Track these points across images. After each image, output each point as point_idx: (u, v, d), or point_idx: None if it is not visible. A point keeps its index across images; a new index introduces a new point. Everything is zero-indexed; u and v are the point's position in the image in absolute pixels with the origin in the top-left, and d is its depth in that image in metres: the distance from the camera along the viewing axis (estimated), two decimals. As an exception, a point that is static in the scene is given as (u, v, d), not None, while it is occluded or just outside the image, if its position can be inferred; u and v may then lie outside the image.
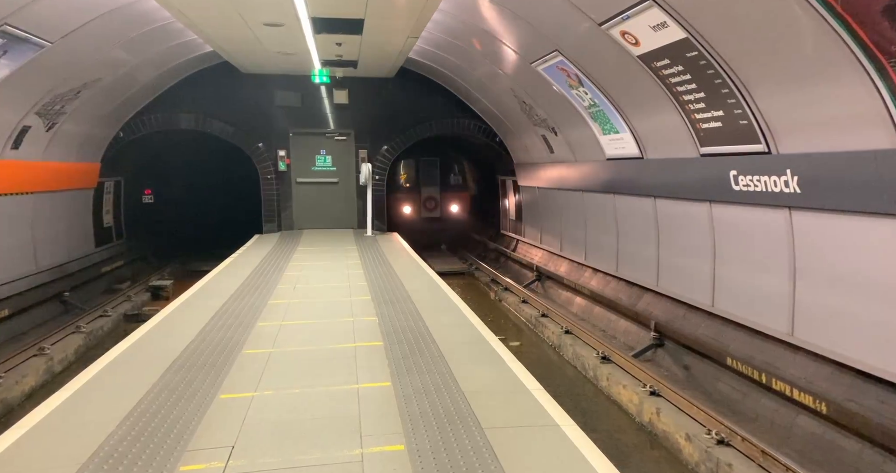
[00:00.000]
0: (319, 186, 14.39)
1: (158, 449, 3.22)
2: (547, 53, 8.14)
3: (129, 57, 9.62)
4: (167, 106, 13.00)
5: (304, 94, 13.83)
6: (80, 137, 10.46)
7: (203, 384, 4.16)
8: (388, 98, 14.09)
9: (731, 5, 4.68)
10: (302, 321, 5.90)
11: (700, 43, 5.26)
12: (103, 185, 12.38)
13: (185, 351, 4.91)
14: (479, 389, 4.04)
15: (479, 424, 3.50)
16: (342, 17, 8.41)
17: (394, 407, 3.76)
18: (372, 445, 3.27)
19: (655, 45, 5.87)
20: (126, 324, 9.97)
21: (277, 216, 14.12)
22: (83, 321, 9.15)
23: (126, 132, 12.57)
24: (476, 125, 14.11)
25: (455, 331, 5.47)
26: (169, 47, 10.40)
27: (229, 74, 13.09)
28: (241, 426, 3.52)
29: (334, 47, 10.33)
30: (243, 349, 4.96)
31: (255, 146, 13.81)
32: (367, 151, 14.31)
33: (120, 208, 13.57)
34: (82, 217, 11.48)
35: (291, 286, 7.56)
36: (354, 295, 7.03)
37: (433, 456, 3.13)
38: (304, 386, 4.13)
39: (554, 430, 3.41)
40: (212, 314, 6.12)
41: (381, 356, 4.76)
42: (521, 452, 3.17)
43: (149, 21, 8.76)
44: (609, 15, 6.05)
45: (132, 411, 3.72)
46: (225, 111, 13.49)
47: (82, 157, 10.88)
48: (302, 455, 3.16)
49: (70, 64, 8.30)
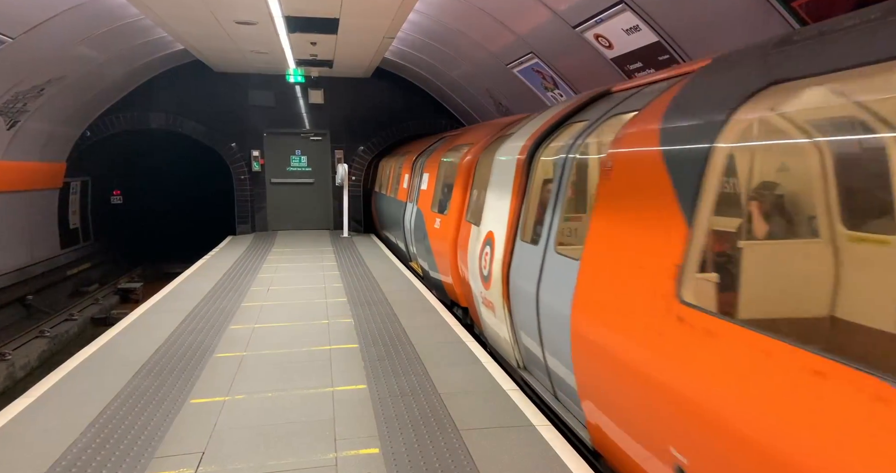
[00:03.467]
0: (294, 186, 14.22)
1: (125, 457, 3.13)
2: (522, 55, 8.20)
3: (96, 54, 9.36)
4: (136, 105, 12.70)
5: (279, 93, 13.66)
6: (45, 135, 10.14)
7: (173, 389, 4.06)
8: (365, 98, 14.01)
9: (702, 10, 4.78)
10: (276, 323, 5.80)
11: (671, 46, 5.35)
12: (69, 185, 12.03)
13: (154, 355, 4.79)
14: (456, 390, 4.03)
15: (454, 426, 3.49)
16: (317, 16, 8.32)
17: (369, 410, 3.72)
18: (347, 449, 3.22)
19: (628, 48, 5.96)
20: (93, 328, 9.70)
21: (251, 217, 13.91)
22: (47, 326, 8.87)
23: (93, 131, 12.23)
24: (453, 126, 14.13)
25: (432, 332, 5.45)
26: (137, 45, 10.15)
27: (201, 72, 12.85)
28: (211, 431, 3.44)
29: (309, 46, 10.22)
30: (215, 353, 4.86)
31: (228, 146, 13.58)
32: (344, 152, 14.21)
33: (87, 208, 13.19)
34: (46, 218, 11.12)
35: (265, 289, 7.44)
36: (330, 297, 6.95)
37: (408, 459, 3.11)
38: (277, 390, 4.06)
39: (529, 431, 3.42)
40: (182, 317, 5.99)
41: (357, 359, 4.71)
42: (496, 453, 3.16)
43: (116, 17, 8.54)
44: (583, 18, 6.12)
45: (97, 417, 3.61)
46: (197, 110, 13.24)
47: (46, 156, 10.54)
48: (275, 460, 3.10)
49: (32, 61, 8.04)
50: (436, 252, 7.06)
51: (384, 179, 12.48)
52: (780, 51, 2.29)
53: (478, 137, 6.93)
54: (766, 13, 4.13)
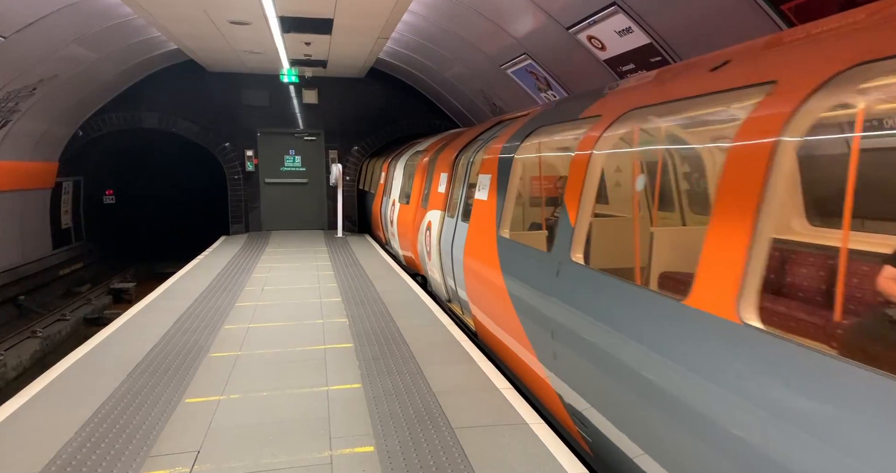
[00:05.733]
0: (288, 186, 14.20)
1: (119, 456, 3.13)
2: (516, 56, 8.24)
3: (88, 53, 9.32)
4: (129, 104, 12.65)
5: (273, 93, 13.64)
6: (36, 135, 10.09)
7: (167, 389, 4.07)
8: (359, 98, 14.01)
9: (693, 12, 4.83)
10: (270, 323, 5.81)
11: (663, 48, 5.40)
12: (61, 185, 11.96)
13: (148, 355, 4.79)
14: (450, 389, 4.05)
15: (449, 424, 3.52)
16: (311, 16, 8.33)
17: (364, 409, 3.74)
18: (342, 447, 3.24)
19: (621, 50, 6.01)
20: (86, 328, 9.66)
21: (245, 217, 13.88)
22: (39, 326, 8.83)
23: (86, 131, 12.17)
24: (447, 126, 14.15)
25: (426, 332, 5.47)
26: (131, 44, 10.11)
27: (195, 72, 12.81)
28: (206, 430, 3.45)
29: (303, 47, 10.22)
30: (209, 353, 4.86)
31: (222, 146, 13.55)
32: (338, 152, 14.20)
33: (79, 208, 13.12)
34: (38, 218, 11.06)
35: (259, 288, 7.44)
36: (324, 297, 6.96)
37: (403, 457, 3.13)
38: (272, 389, 4.07)
39: (523, 429, 3.45)
40: (176, 317, 5.98)
41: (352, 358, 4.73)
42: (490, 451, 3.19)
43: (109, 17, 8.51)
44: (576, 19, 6.16)
45: (91, 417, 3.61)
46: (190, 110, 13.20)
47: (38, 156, 10.48)
48: (269, 459, 3.12)
49: (24, 60, 8.00)
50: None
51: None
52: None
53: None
54: (755, 16, 4.19)
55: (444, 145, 7.76)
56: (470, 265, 5.39)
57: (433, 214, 7.05)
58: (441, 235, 6.55)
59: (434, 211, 7.03)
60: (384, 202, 10.86)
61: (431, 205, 7.24)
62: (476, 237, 5.30)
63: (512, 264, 4.34)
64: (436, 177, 7.31)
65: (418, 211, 7.98)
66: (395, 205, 9.59)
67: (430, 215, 7.16)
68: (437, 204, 6.98)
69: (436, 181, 7.28)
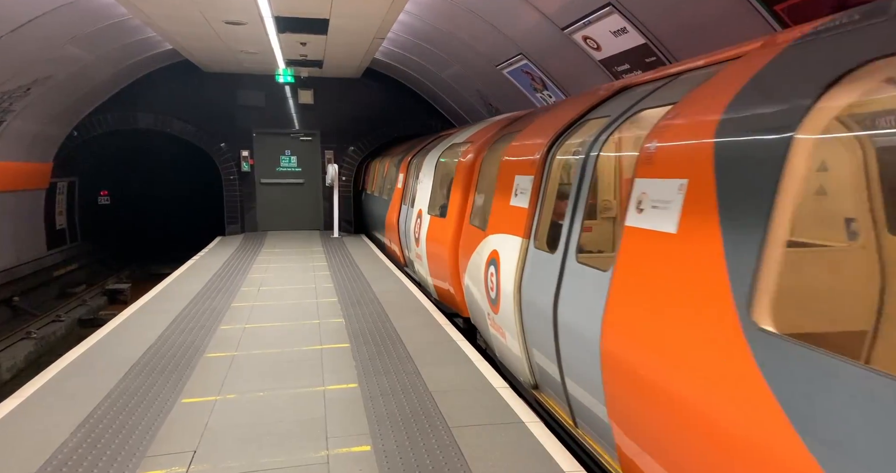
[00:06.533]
0: (284, 187, 14.19)
1: (116, 456, 3.13)
2: (512, 57, 8.26)
3: (83, 53, 9.30)
4: (124, 105, 12.61)
5: (268, 93, 13.63)
6: (31, 135, 10.05)
7: (163, 389, 4.06)
8: (355, 99, 14.01)
9: (687, 13, 4.86)
10: (266, 323, 5.81)
11: (658, 48, 5.43)
12: (56, 185, 11.92)
13: (144, 356, 4.78)
14: (447, 388, 4.06)
15: (445, 423, 3.52)
16: (307, 16, 8.33)
17: (360, 409, 3.74)
18: (338, 446, 3.25)
19: (616, 50, 6.03)
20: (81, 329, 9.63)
21: (241, 218, 13.86)
22: (34, 327, 8.80)
23: (80, 131, 12.13)
24: (443, 127, 14.17)
25: (423, 332, 5.48)
26: (126, 44, 10.09)
27: (190, 72, 12.78)
28: (203, 430, 3.45)
29: (299, 47, 10.22)
30: (205, 353, 4.86)
31: (218, 146, 13.53)
32: (334, 152, 14.19)
33: (74, 209, 13.08)
34: (33, 219, 11.02)
35: (255, 289, 7.43)
36: (321, 297, 6.96)
37: (400, 456, 3.14)
38: (268, 389, 4.07)
39: (519, 427, 3.46)
40: (172, 318, 5.97)
41: (348, 358, 4.73)
42: (487, 450, 3.20)
43: (104, 17, 8.49)
44: (571, 20, 6.19)
45: (87, 418, 3.60)
46: (186, 110, 13.17)
47: (33, 156, 10.44)
48: (266, 458, 3.12)
49: (19, 60, 7.98)
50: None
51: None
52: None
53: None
54: (749, 16, 4.21)
55: (512, 134, 5.14)
56: (633, 365, 2.57)
57: (502, 240, 4.46)
58: (523, 278, 3.98)
59: (504, 237, 4.43)
60: (404, 212, 8.46)
61: (498, 226, 4.61)
62: (664, 315, 2.42)
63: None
64: (505, 183, 4.66)
65: (468, 231, 5.53)
66: (423, 218, 7.12)
67: (497, 241, 4.58)
68: (510, 225, 4.36)
69: (505, 189, 4.61)
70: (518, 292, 4.00)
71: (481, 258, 4.84)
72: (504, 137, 5.37)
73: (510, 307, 4.14)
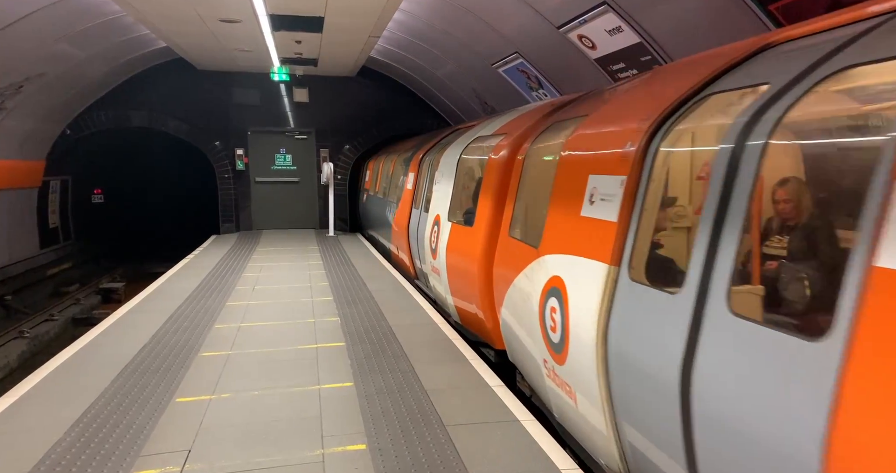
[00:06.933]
0: (279, 185, 14.15)
1: (110, 455, 3.11)
2: (508, 55, 8.26)
3: (76, 51, 9.24)
4: (118, 103, 12.54)
5: (263, 91, 13.58)
6: (23, 133, 9.98)
7: (158, 388, 4.04)
8: (350, 97, 13.98)
9: (682, 12, 4.87)
10: (261, 322, 5.79)
11: (653, 47, 5.44)
12: (48, 184, 11.84)
13: (138, 355, 4.76)
14: (442, 387, 4.07)
15: (440, 421, 3.53)
16: (301, 14, 8.30)
17: (356, 407, 3.74)
18: (333, 445, 3.25)
19: (611, 49, 6.04)
20: (74, 328, 9.57)
21: (235, 216, 13.81)
22: (27, 326, 8.74)
23: (74, 130, 12.05)
24: (439, 125, 14.16)
25: (418, 331, 5.48)
26: (119, 42, 10.03)
27: (184, 70, 12.72)
28: (197, 429, 3.44)
29: (294, 45, 10.19)
30: (200, 352, 4.84)
31: (212, 145, 13.47)
32: (329, 151, 14.16)
33: (67, 207, 13.00)
34: (25, 217, 10.94)
35: (250, 288, 7.41)
36: (316, 296, 6.95)
37: (395, 454, 3.14)
38: (263, 388, 4.06)
39: (514, 425, 3.47)
40: (167, 317, 5.95)
41: (344, 357, 4.73)
42: (482, 447, 3.21)
43: (97, 14, 8.43)
44: (567, 19, 6.19)
45: (81, 417, 3.58)
46: (180, 109, 13.11)
47: (25, 154, 10.37)
48: (261, 457, 3.11)
49: (10, 57, 7.92)
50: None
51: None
52: None
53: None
54: (744, 15, 4.23)
55: (571, 121, 3.91)
56: None
57: (570, 265, 3.16)
58: (611, 322, 2.76)
59: (573, 260, 3.14)
60: (416, 217, 7.38)
61: (561, 243, 3.33)
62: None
63: None
64: (570, 185, 3.37)
65: (508, 246, 4.35)
66: (442, 225, 5.99)
67: (560, 265, 3.27)
68: (584, 245, 3.07)
69: (571, 194, 3.30)
70: (602, 341, 2.74)
71: (533, 285, 3.58)
72: (554, 126, 4.23)
73: (587, 361, 2.85)
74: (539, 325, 3.48)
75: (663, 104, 2.79)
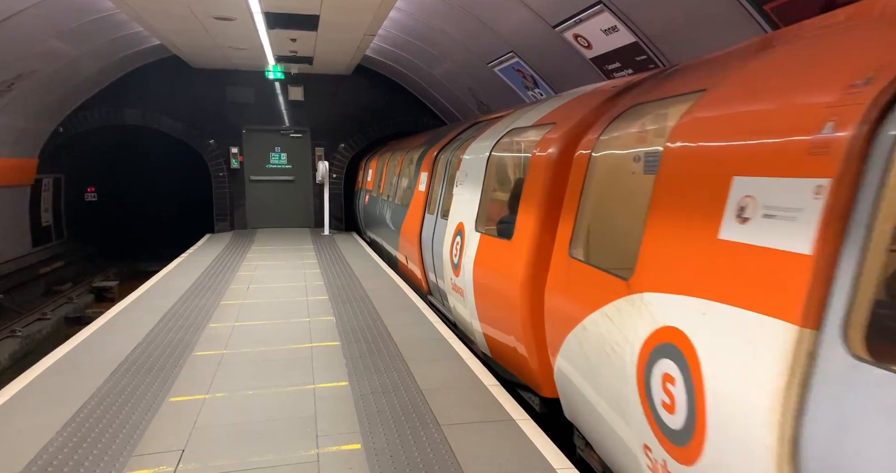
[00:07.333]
0: (274, 184, 14.10)
1: (102, 456, 3.09)
2: (503, 54, 8.26)
3: (69, 48, 9.17)
4: (111, 100, 12.46)
5: (258, 90, 13.52)
6: (15, 131, 9.90)
7: (151, 388, 4.02)
8: (346, 95, 13.94)
9: (678, 11, 4.87)
10: (256, 321, 5.77)
11: (649, 47, 5.45)
12: (41, 182, 11.75)
13: (131, 354, 4.73)
14: (437, 386, 4.06)
15: (436, 421, 3.52)
16: (296, 12, 8.27)
17: (351, 407, 3.73)
18: (328, 445, 3.23)
19: (607, 49, 6.05)
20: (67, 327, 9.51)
21: (230, 215, 13.75)
22: (19, 325, 8.68)
23: (66, 127, 11.97)
24: (435, 124, 14.15)
25: (414, 330, 5.47)
26: (112, 39, 9.96)
27: (179, 68, 12.65)
28: (191, 429, 3.42)
29: (289, 43, 10.15)
30: (194, 351, 4.82)
31: (207, 143, 13.41)
32: (325, 149, 14.13)
33: (60, 206, 12.91)
34: (17, 216, 10.86)
35: (245, 287, 7.38)
36: (311, 295, 6.93)
37: (390, 454, 3.13)
38: (258, 388, 4.05)
39: (509, 425, 3.47)
40: (160, 316, 5.92)
41: (339, 356, 4.71)
42: (477, 447, 3.20)
43: (90, 11, 8.37)
44: (562, 18, 6.19)
45: (73, 417, 3.56)
46: (174, 106, 13.04)
47: (17, 152, 10.29)
48: (256, 457, 3.10)
49: (2, 54, 7.85)
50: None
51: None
52: None
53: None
54: (739, 15, 4.24)
55: (671, 100, 2.85)
56: None
57: (701, 315, 2.04)
58: (805, 423, 1.60)
59: (707, 306, 2.01)
60: (430, 224, 6.50)
61: (679, 280, 2.20)
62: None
63: None
64: (694, 193, 2.23)
65: (572, 271, 3.25)
66: (467, 236, 5.03)
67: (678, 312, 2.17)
68: (731, 288, 1.92)
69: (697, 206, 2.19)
70: (790, 457, 1.64)
71: (624, 333, 2.52)
72: (635, 111, 3.12)
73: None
74: (639, 397, 2.38)
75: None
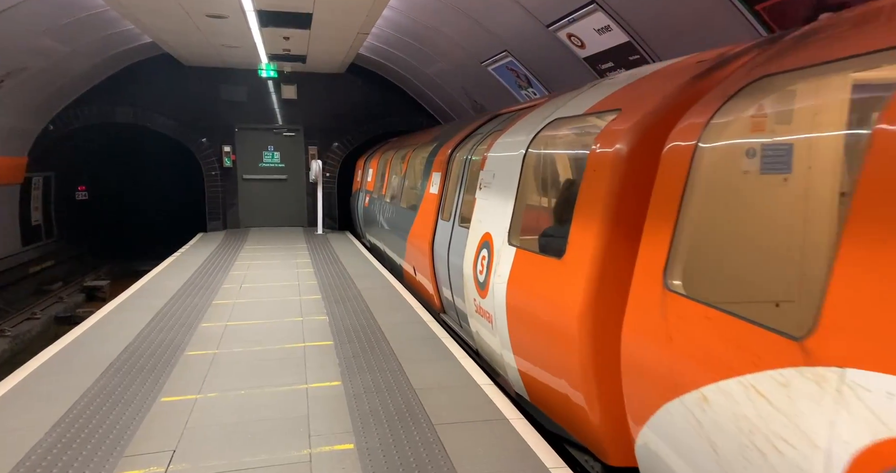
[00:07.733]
0: (267, 183, 14.04)
1: (92, 456, 3.07)
2: (497, 54, 8.26)
3: (59, 45, 9.08)
4: (102, 98, 12.36)
5: (251, 88, 13.46)
6: (5, 129, 9.80)
7: (142, 388, 3.99)
8: (339, 94, 13.90)
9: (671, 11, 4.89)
10: (248, 321, 5.74)
11: (642, 46, 5.46)
12: (31, 180, 11.64)
13: (122, 354, 4.69)
14: (431, 386, 4.06)
15: (429, 420, 3.52)
16: (289, 10, 8.23)
17: (343, 406, 3.72)
18: (321, 445, 3.22)
19: (600, 48, 6.06)
20: (57, 327, 9.43)
21: (223, 214, 13.68)
22: (8, 324, 8.60)
23: (57, 125, 11.86)
24: (430, 123, 14.13)
25: (407, 329, 5.46)
26: (103, 36, 9.87)
27: (171, 66, 12.57)
28: (183, 429, 3.39)
29: (282, 41, 10.10)
30: (186, 351, 4.79)
31: (199, 141, 13.33)
32: (318, 148, 14.08)
33: (50, 205, 12.79)
34: (6, 214, 10.76)
35: (237, 286, 7.35)
36: (304, 294, 6.91)
37: (383, 454, 3.12)
38: (250, 387, 4.03)
39: (503, 424, 3.47)
40: (152, 315, 5.88)
41: (332, 356, 4.70)
42: (470, 446, 3.20)
43: (81, 8, 8.30)
44: (556, 17, 6.20)
45: (63, 417, 3.52)
46: (166, 105, 12.95)
47: (7, 150, 10.19)
48: (247, 457, 3.08)
49: (-8, 50, 7.77)
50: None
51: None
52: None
53: None
54: (731, 15, 4.26)
55: (823, 67, 1.88)
56: None
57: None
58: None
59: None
60: (444, 232, 5.78)
61: None
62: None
63: None
64: None
65: (683, 314, 2.20)
66: (496, 250, 4.13)
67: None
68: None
69: None
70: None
71: (809, 437, 1.62)
72: (765, 83, 2.22)
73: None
74: None
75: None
